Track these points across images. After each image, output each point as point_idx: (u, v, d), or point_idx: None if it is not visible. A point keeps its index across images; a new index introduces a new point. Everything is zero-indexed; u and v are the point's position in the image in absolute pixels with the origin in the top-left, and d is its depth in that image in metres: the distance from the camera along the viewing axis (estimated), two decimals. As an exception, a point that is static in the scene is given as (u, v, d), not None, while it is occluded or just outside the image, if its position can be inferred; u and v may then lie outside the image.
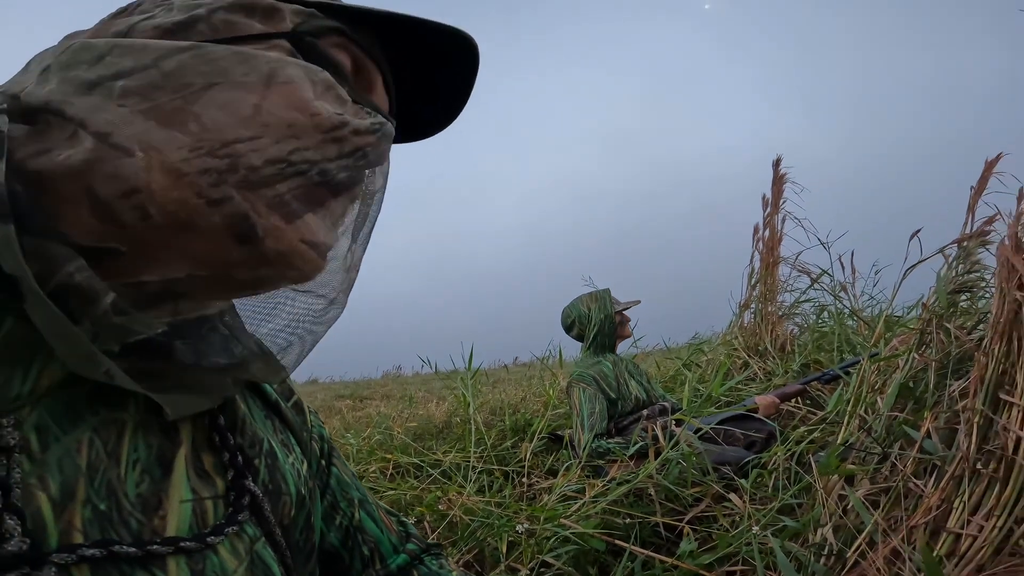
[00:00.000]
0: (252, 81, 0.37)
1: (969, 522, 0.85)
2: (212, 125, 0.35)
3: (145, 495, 0.36)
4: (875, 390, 1.56)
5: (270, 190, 0.36)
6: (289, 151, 0.37)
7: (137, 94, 0.35)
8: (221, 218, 0.35)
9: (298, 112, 0.38)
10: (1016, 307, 1.09)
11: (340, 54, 0.45)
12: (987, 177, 2.04)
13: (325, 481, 0.58)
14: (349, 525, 0.57)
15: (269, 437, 0.49)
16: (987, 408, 1.00)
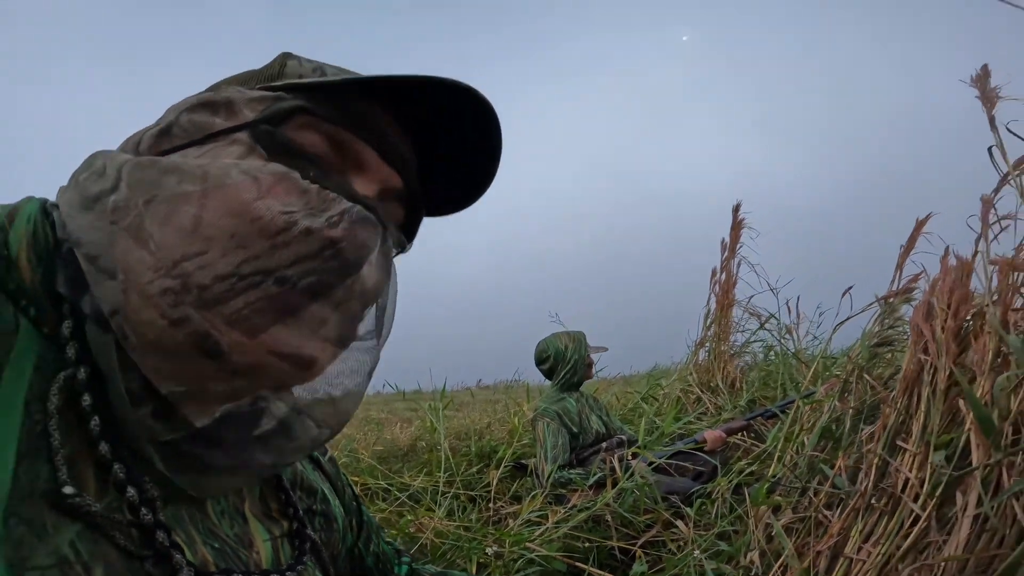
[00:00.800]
0: (188, 190, 0.36)
1: (860, 549, 1.04)
2: (162, 242, 0.35)
3: (240, 535, 0.44)
4: (806, 429, 1.76)
5: (225, 307, 0.35)
6: (238, 264, 0.35)
7: (121, 209, 0.36)
8: (184, 337, 0.34)
9: (238, 218, 0.36)
10: (919, 367, 1.30)
11: (308, 135, 0.43)
12: (916, 237, 2.26)
13: (360, 519, 0.66)
14: (377, 550, 0.67)
15: (320, 485, 0.58)
16: (885, 452, 1.20)
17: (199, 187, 0.36)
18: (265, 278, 0.36)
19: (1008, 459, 0.89)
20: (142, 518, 0.36)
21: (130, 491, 0.36)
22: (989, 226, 1.39)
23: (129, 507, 0.36)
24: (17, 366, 0.35)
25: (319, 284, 0.37)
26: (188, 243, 0.35)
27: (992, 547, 0.81)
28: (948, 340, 1.20)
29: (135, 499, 0.36)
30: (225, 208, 0.36)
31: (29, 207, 0.41)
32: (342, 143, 0.44)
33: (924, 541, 0.94)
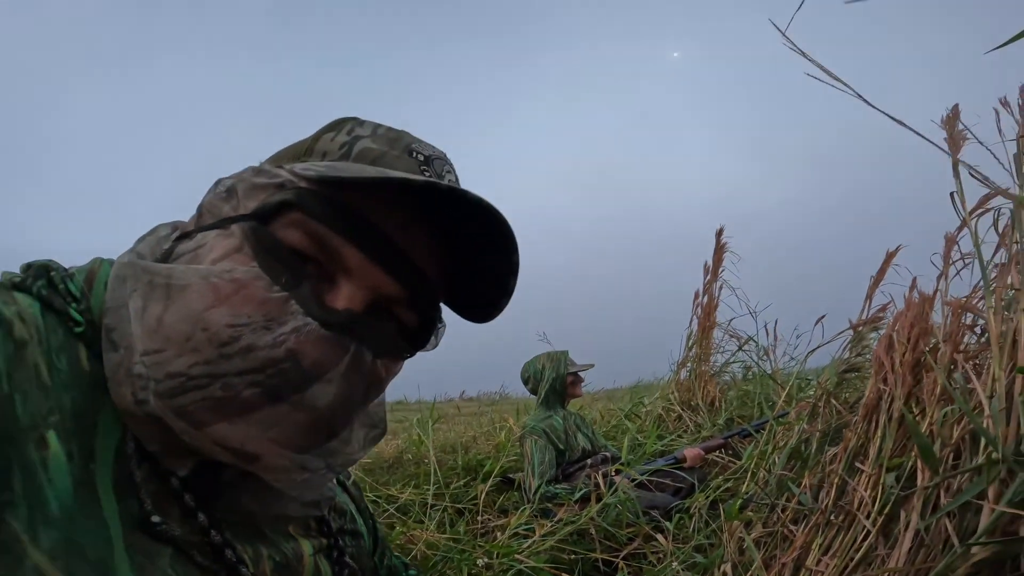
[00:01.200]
0: (157, 288, 0.40)
1: (819, 561, 1.15)
2: (138, 332, 0.39)
3: (294, 549, 0.50)
4: (779, 448, 1.88)
5: (174, 401, 0.38)
6: (189, 365, 0.38)
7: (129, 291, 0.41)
8: (143, 415, 0.39)
9: (191, 325, 0.39)
10: (879, 396, 1.41)
11: (292, 233, 0.43)
12: (885, 268, 2.38)
13: (376, 535, 0.70)
14: (390, 564, 0.72)
15: (348, 506, 0.64)
16: (845, 472, 1.32)
17: (164, 287, 0.40)
18: (212, 381, 0.38)
19: (946, 481, 1.00)
20: (212, 539, 0.42)
21: (200, 516, 0.42)
22: (951, 264, 1.52)
23: (201, 530, 0.42)
24: (109, 418, 0.40)
25: (264, 394, 0.39)
26: (151, 339, 0.39)
27: (928, 560, 0.93)
28: (905, 372, 1.32)
29: (205, 523, 0.42)
30: (181, 313, 0.39)
31: (104, 272, 0.45)
32: (327, 244, 0.43)
33: (872, 554, 1.06)
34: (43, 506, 0.34)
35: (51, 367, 0.38)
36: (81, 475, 0.36)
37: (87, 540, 0.35)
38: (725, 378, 3.80)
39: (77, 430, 0.37)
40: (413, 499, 2.72)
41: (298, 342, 0.40)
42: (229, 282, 0.40)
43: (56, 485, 0.35)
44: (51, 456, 0.35)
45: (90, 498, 0.36)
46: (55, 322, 0.40)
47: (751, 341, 3.46)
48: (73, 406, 0.38)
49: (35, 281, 0.41)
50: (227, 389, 0.38)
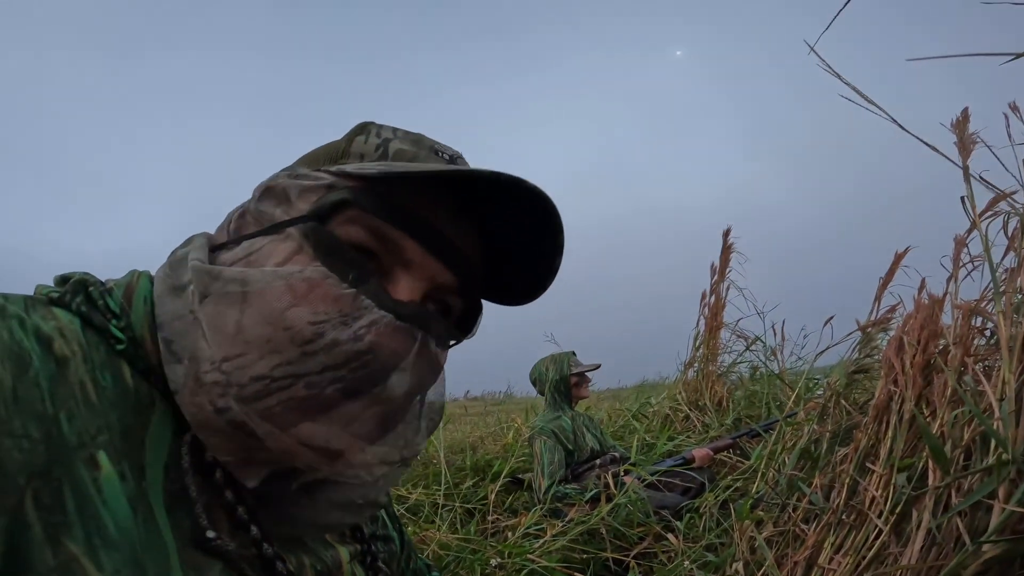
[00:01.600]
0: (232, 294, 0.40)
1: (832, 559, 1.17)
2: (212, 340, 0.39)
3: (333, 556, 0.51)
4: (787, 448, 1.90)
5: (260, 404, 0.38)
6: (272, 367, 0.38)
7: (193, 303, 0.41)
8: (225, 423, 0.38)
9: (272, 326, 0.39)
10: (889, 397, 1.43)
11: (353, 229, 0.44)
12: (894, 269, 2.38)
13: (403, 538, 0.70)
14: (415, 567, 0.72)
15: (381, 513, 0.65)
16: (856, 472, 1.34)
17: (240, 292, 0.40)
18: (295, 381, 0.39)
19: (957, 481, 1.02)
20: (264, 551, 0.42)
21: (253, 529, 0.42)
22: (960, 266, 1.54)
23: (253, 543, 0.42)
24: (156, 435, 0.39)
25: (346, 390, 0.40)
26: (230, 345, 0.39)
27: (940, 558, 0.95)
28: (915, 374, 1.34)
29: (257, 536, 0.42)
30: (261, 315, 0.39)
31: (142, 287, 0.44)
32: (387, 238, 0.44)
33: (885, 553, 1.07)
34: (101, 528, 0.34)
35: (97, 385, 0.37)
36: (136, 495, 0.36)
37: (149, 560, 0.35)
38: (732, 378, 3.82)
39: (127, 448, 0.37)
40: (423, 500, 2.74)
41: (377, 334, 0.40)
42: (302, 281, 0.40)
43: (111, 506, 0.34)
44: (103, 476, 0.35)
45: (147, 517, 0.36)
46: (96, 339, 0.40)
47: (759, 341, 3.47)
48: (121, 425, 0.37)
49: (73, 297, 0.41)
50: (311, 387, 0.39)
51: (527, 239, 0.50)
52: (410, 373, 0.43)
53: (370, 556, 0.56)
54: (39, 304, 0.39)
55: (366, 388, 0.41)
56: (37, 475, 0.32)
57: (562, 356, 2.88)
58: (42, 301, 0.40)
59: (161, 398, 0.41)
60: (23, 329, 0.36)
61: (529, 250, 0.51)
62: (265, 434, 0.39)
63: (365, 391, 0.41)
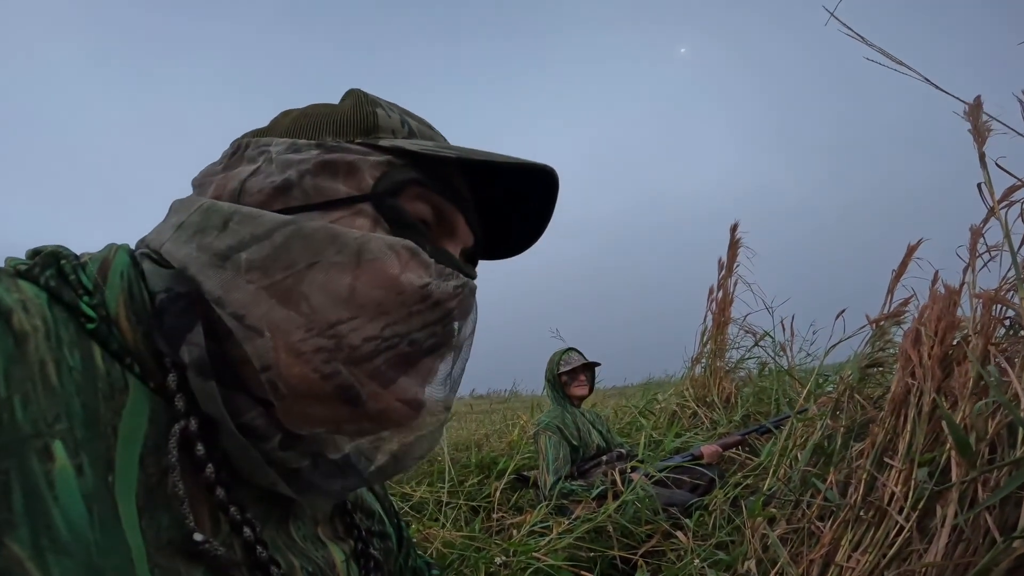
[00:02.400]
0: (344, 260, 0.40)
1: (850, 557, 1.13)
2: (318, 306, 0.39)
3: (325, 557, 0.48)
4: (799, 444, 1.85)
5: (370, 364, 0.40)
6: (382, 327, 0.40)
7: (258, 268, 0.39)
8: (332, 388, 0.39)
9: (386, 290, 0.41)
10: (907, 390, 1.39)
11: (420, 206, 0.47)
12: (907, 262, 2.34)
13: (401, 535, 0.68)
14: (414, 565, 0.69)
15: (375, 506, 0.62)
16: (873, 468, 1.30)
17: (355, 260, 0.40)
18: (401, 340, 0.41)
19: (983, 476, 0.98)
20: (258, 555, 0.40)
21: (246, 531, 0.39)
22: (977, 256, 1.49)
23: (244, 545, 0.39)
24: (130, 423, 0.36)
25: (436, 344, 0.44)
26: (343, 308, 0.39)
27: (968, 555, 0.90)
28: (934, 366, 1.29)
29: (251, 538, 0.40)
30: (376, 281, 0.40)
31: (119, 261, 0.41)
32: (443, 213, 0.48)
33: (907, 550, 1.03)
34: (50, 529, 0.30)
35: (60, 366, 0.34)
36: (95, 491, 0.32)
37: (107, 565, 0.31)
38: (740, 374, 3.77)
39: (90, 438, 0.33)
40: (427, 497, 2.72)
41: (465, 295, 0.45)
42: (404, 249, 0.43)
43: (63, 504, 0.31)
44: (57, 470, 0.31)
45: (108, 516, 0.32)
46: (65, 317, 0.36)
47: (767, 336, 3.42)
48: (85, 412, 0.33)
49: (43, 270, 0.37)
50: (413, 344, 0.42)
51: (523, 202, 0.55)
52: (467, 326, 0.48)
53: (365, 555, 0.54)
54: (4, 275, 0.35)
55: (447, 341, 0.45)
56: None
57: (556, 354, 2.86)
58: (8, 272, 0.36)
59: (138, 382, 0.37)
60: None
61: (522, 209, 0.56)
62: (370, 394, 0.40)
63: (446, 344, 0.45)
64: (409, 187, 0.46)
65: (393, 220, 0.44)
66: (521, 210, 0.56)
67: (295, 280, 0.39)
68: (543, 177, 0.51)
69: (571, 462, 2.50)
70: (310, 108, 0.50)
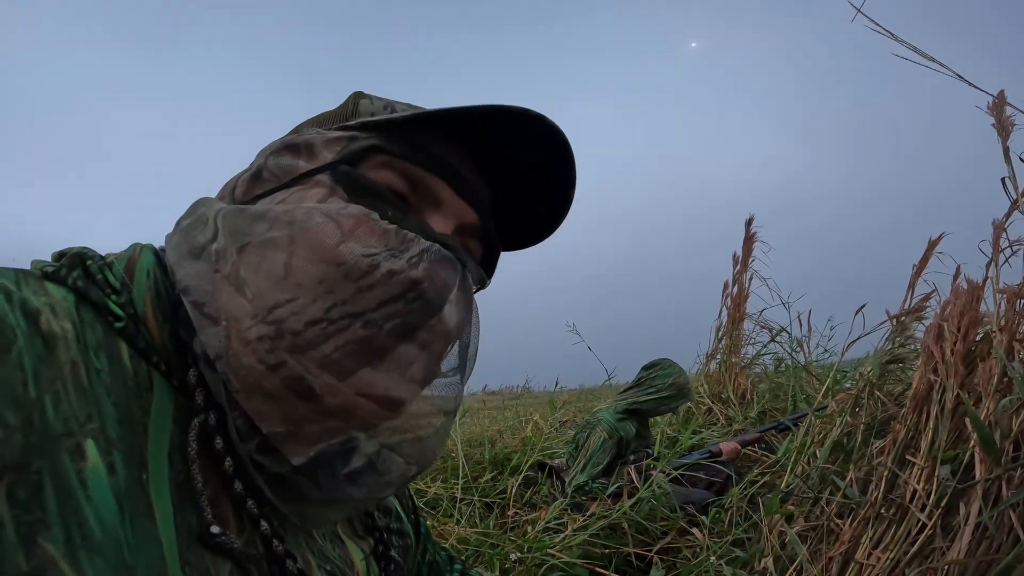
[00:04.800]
0: (277, 236, 0.38)
1: (871, 555, 1.11)
2: (258, 290, 0.37)
3: (343, 556, 0.48)
4: (817, 441, 1.84)
5: (317, 351, 0.36)
6: (327, 308, 0.36)
7: (221, 258, 0.38)
8: (280, 381, 0.35)
9: (325, 264, 0.37)
10: (929, 387, 1.37)
11: (385, 173, 0.44)
12: (928, 257, 2.30)
13: (419, 530, 0.67)
14: (432, 559, 0.69)
15: (394, 504, 0.62)
16: (895, 465, 1.28)
17: (286, 233, 0.38)
18: (353, 321, 0.36)
19: (1008, 473, 0.96)
20: (275, 549, 0.39)
21: (263, 525, 0.39)
22: (1000, 251, 1.47)
23: (262, 539, 0.39)
24: (158, 421, 0.36)
25: (404, 326, 0.38)
26: (280, 290, 0.36)
27: (991, 552, 0.89)
28: (957, 362, 1.27)
29: (268, 532, 0.39)
30: (312, 254, 0.37)
31: (145, 260, 0.41)
32: (417, 180, 0.44)
33: (929, 547, 1.02)
34: (83, 527, 0.30)
35: (89, 367, 0.34)
36: (129, 489, 0.32)
37: (139, 563, 0.31)
38: (756, 370, 3.74)
39: (122, 437, 0.33)
40: (441, 493, 2.72)
41: (429, 263, 0.39)
42: (348, 217, 0.39)
43: (96, 503, 0.31)
44: (89, 468, 0.31)
45: (141, 514, 0.33)
46: (93, 317, 0.36)
47: (784, 332, 3.38)
48: (116, 411, 0.34)
49: (70, 271, 0.37)
50: (369, 326, 0.37)
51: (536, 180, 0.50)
52: (456, 306, 0.41)
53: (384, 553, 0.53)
54: (31, 278, 0.35)
55: (422, 321, 0.39)
56: (12, 467, 0.28)
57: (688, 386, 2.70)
58: (35, 275, 0.36)
59: (162, 380, 0.37)
60: (9, 302, 0.32)
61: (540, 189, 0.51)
62: (324, 387, 0.36)
63: (422, 325, 0.39)
64: (371, 155, 0.43)
65: (351, 188, 0.42)
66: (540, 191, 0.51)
67: (237, 265, 0.38)
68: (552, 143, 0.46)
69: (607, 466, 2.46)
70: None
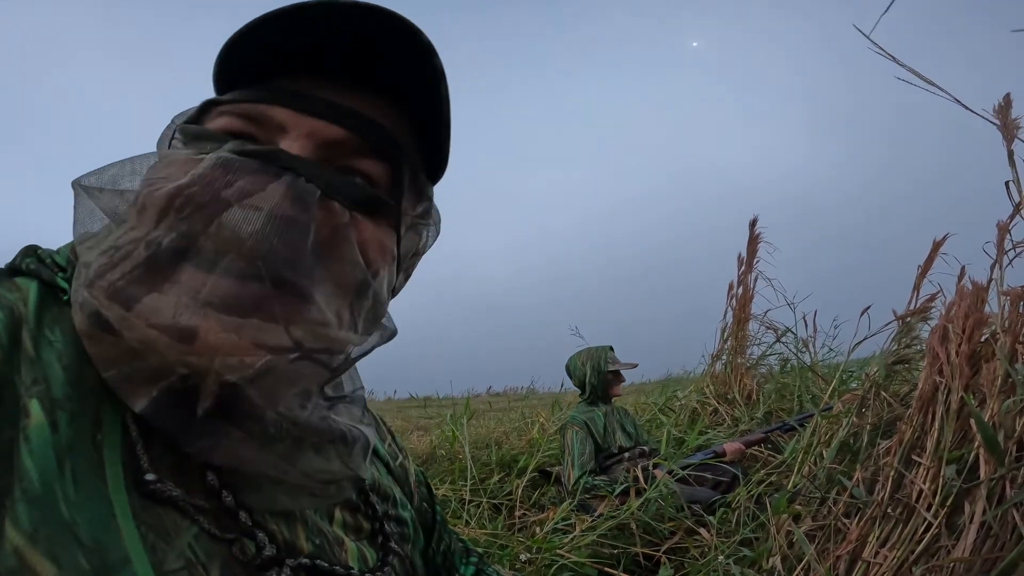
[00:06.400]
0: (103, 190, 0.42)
1: (878, 553, 1.13)
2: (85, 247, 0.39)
3: (335, 534, 0.47)
4: (824, 441, 1.85)
5: (104, 280, 0.35)
6: (116, 237, 0.37)
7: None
8: (85, 319, 0.35)
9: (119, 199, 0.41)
10: (934, 388, 1.38)
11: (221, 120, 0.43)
12: (933, 258, 2.32)
13: (432, 519, 0.66)
14: (446, 548, 0.68)
15: (393, 490, 0.59)
16: (901, 465, 1.30)
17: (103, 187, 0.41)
18: (136, 245, 0.36)
19: (1011, 473, 0.98)
20: (224, 500, 0.38)
21: (210, 476, 0.38)
22: (1004, 253, 1.49)
23: (210, 492, 0.38)
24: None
25: (183, 236, 0.35)
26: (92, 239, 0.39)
27: (995, 550, 0.91)
28: (962, 364, 1.29)
29: (215, 483, 0.38)
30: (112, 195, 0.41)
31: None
32: (255, 115, 0.42)
33: (935, 546, 1.04)
34: (23, 480, 0.30)
35: (38, 340, 0.35)
36: (74, 448, 0.33)
37: (80, 519, 0.31)
38: (761, 370, 3.75)
39: (70, 398, 0.34)
40: (449, 495, 2.74)
41: (213, 170, 0.37)
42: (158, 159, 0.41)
43: (36, 458, 0.31)
44: (32, 426, 0.32)
45: (89, 473, 0.33)
46: (50, 298, 0.38)
47: (789, 333, 3.40)
48: (66, 375, 0.35)
49: (23, 259, 0.40)
50: (149, 246, 0.35)
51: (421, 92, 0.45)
52: (267, 214, 0.36)
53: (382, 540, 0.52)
54: (3, 276, 0.39)
55: (200, 227, 0.35)
56: None
57: (599, 351, 2.81)
58: (5, 273, 0.39)
59: None
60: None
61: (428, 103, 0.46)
62: (116, 319, 0.34)
63: (199, 232, 0.35)
64: (209, 110, 0.44)
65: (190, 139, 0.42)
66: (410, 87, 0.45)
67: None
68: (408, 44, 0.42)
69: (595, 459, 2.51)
70: None
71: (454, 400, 4.49)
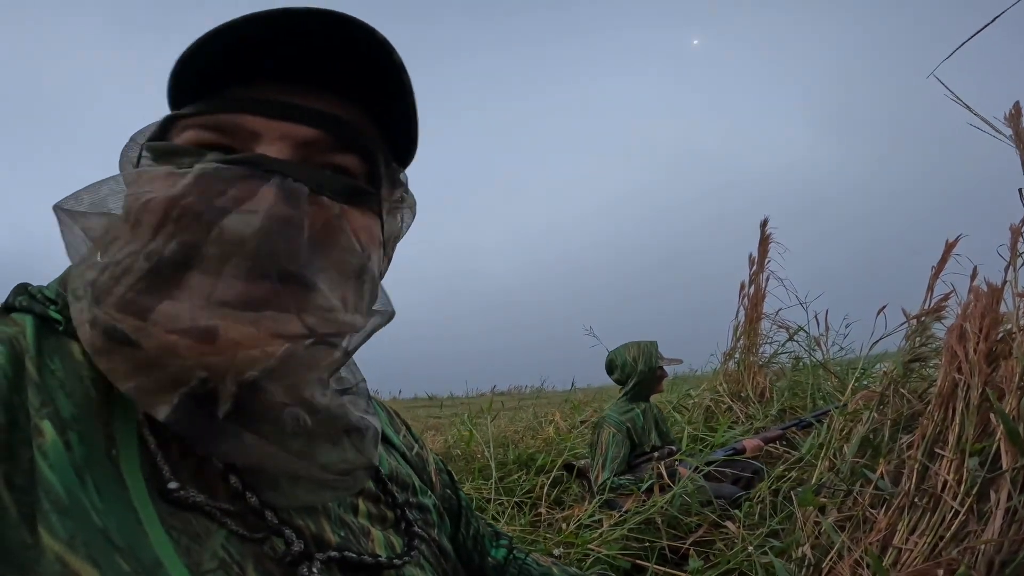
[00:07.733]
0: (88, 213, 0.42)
1: (907, 540, 1.20)
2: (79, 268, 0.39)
3: (362, 524, 0.49)
4: (841, 437, 1.92)
5: (113, 296, 0.36)
6: (115, 253, 0.38)
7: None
8: (99, 335, 0.36)
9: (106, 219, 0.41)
10: (954, 384, 1.45)
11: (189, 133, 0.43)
12: (946, 258, 2.38)
13: (457, 505, 0.68)
14: (476, 532, 0.70)
15: (414, 480, 0.61)
16: (924, 458, 1.37)
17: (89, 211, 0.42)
18: (136, 257, 0.36)
19: (1033, 463, 1.06)
20: (249, 501, 0.39)
21: (232, 479, 0.39)
22: (1017, 255, 1.56)
23: (234, 494, 0.39)
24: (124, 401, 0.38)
25: (184, 245, 0.37)
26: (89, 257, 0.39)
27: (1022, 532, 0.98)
28: (980, 361, 1.36)
29: (238, 485, 0.39)
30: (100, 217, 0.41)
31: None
32: (225, 125, 0.43)
33: (964, 531, 1.11)
34: (50, 493, 0.32)
35: (41, 367, 0.36)
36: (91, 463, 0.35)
37: (111, 525, 0.33)
38: (773, 368, 3.82)
39: (78, 418, 0.35)
40: (472, 494, 2.79)
41: (202, 180, 0.38)
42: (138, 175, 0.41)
43: (58, 471, 0.33)
44: (48, 443, 0.33)
45: (111, 484, 0.35)
46: (46, 330, 0.39)
47: (801, 331, 3.47)
48: (71, 399, 0.36)
49: (15, 297, 0.41)
50: (151, 257, 0.36)
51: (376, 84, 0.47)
52: (264, 215, 0.37)
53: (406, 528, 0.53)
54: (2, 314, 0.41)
55: (200, 235, 0.37)
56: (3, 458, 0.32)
57: (650, 346, 2.75)
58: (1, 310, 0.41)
59: None
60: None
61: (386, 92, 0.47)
62: (133, 330, 0.35)
63: (201, 241, 0.37)
64: (172, 126, 0.44)
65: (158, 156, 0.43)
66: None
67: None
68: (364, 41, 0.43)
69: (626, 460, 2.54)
70: None
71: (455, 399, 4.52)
